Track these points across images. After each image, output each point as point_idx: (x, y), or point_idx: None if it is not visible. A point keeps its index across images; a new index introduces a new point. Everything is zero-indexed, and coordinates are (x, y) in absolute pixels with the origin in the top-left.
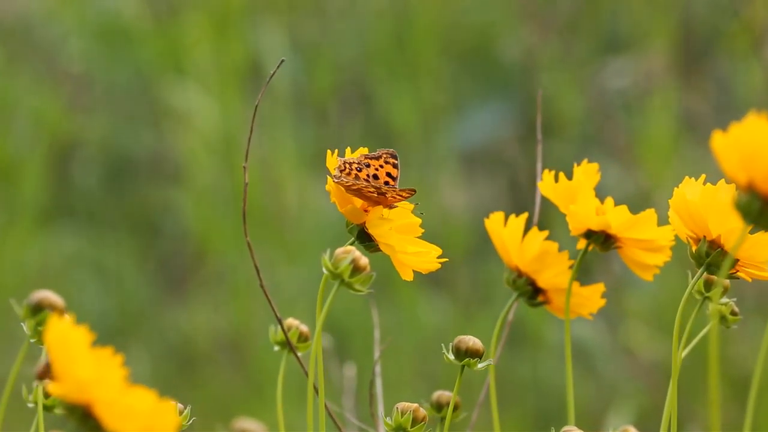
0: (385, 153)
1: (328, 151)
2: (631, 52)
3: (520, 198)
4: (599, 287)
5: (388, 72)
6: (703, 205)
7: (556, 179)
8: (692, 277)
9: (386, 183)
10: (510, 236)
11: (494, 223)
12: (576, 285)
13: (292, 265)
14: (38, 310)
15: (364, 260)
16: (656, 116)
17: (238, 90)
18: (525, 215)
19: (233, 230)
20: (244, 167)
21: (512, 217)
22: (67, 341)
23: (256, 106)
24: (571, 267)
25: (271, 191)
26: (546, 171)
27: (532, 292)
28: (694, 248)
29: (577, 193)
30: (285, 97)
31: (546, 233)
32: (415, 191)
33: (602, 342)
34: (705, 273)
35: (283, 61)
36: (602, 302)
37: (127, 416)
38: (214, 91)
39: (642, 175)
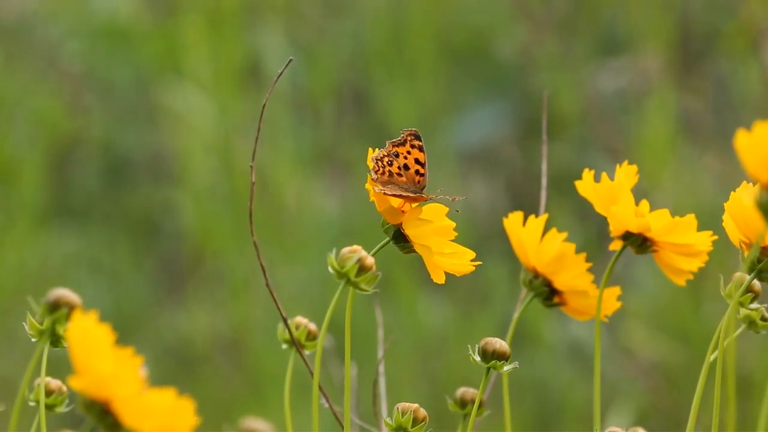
0: (409, 135)
1: (369, 149)
2: (628, 52)
3: (517, 197)
4: (615, 290)
5: (386, 72)
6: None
7: (597, 179)
8: (723, 282)
9: (417, 171)
10: (528, 237)
11: (513, 223)
12: (593, 287)
13: (291, 265)
14: (56, 308)
15: (369, 260)
16: (654, 116)
17: (236, 90)
18: (545, 216)
19: (232, 230)
20: (251, 166)
21: (531, 217)
22: (90, 337)
23: (264, 105)
24: (588, 270)
25: (271, 191)
26: (586, 170)
27: (549, 293)
28: (746, 253)
29: (618, 194)
30: (284, 97)
31: (565, 234)
32: (464, 197)
33: (602, 342)
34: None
35: (291, 60)
36: (618, 305)
37: (145, 414)
38: (212, 91)
39: (640, 175)
